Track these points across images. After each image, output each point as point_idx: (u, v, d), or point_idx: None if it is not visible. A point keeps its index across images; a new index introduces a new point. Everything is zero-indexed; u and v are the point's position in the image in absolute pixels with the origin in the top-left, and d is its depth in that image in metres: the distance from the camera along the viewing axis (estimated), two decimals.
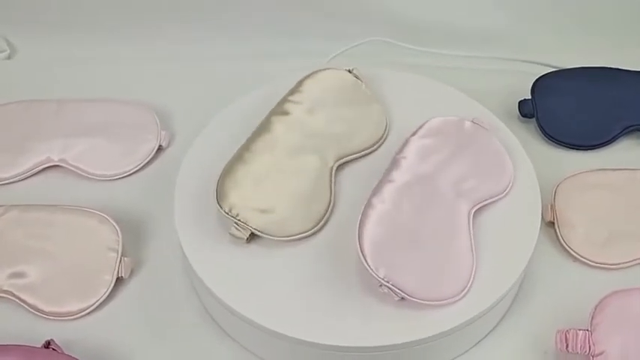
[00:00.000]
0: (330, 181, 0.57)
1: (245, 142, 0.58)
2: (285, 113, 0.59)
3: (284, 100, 0.61)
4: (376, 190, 0.54)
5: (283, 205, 0.55)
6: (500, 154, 0.58)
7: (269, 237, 0.54)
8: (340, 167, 0.59)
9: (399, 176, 0.55)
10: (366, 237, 0.51)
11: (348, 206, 0.57)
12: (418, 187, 0.55)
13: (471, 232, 0.54)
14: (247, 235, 0.53)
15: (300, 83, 0.62)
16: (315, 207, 0.55)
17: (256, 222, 0.53)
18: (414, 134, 0.58)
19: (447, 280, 0.51)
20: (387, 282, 0.50)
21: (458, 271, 0.52)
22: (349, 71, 0.63)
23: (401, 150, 0.57)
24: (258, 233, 0.54)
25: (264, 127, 0.59)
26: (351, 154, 0.59)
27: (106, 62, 0.76)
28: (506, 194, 0.57)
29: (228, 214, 0.54)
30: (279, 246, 0.54)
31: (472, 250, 0.53)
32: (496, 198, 0.56)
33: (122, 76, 0.74)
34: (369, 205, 0.53)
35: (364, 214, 0.53)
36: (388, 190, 0.54)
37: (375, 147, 0.60)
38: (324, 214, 0.55)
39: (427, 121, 0.59)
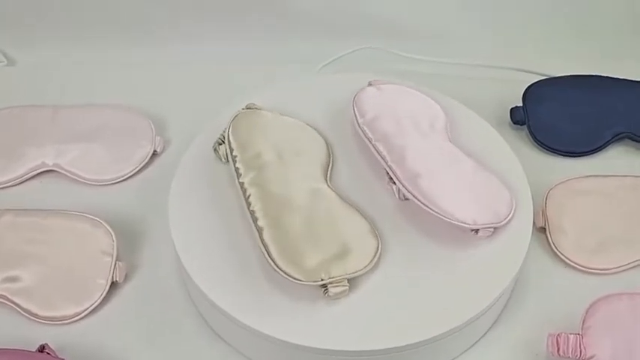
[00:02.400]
0: (344, 200, 0.56)
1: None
2: (256, 168, 0.56)
3: (237, 161, 0.57)
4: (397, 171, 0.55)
5: (344, 239, 0.52)
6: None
7: (363, 272, 0.52)
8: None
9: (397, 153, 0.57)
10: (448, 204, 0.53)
11: None
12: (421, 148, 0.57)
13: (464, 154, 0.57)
14: (347, 286, 0.51)
15: (235, 139, 0.58)
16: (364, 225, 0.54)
17: (346, 268, 0.51)
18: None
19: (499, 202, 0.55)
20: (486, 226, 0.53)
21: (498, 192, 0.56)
22: (249, 107, 0.61)
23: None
24: (354, 276, 0.51)
25: (252, 193, 0.55)
26: (327, 166, 0.59)
27: (102, 69, 0.76)
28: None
29: (323, 281, 0.50)
30: None
31: (483, 169, 0.57)
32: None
33: (117, 83, 0.74)
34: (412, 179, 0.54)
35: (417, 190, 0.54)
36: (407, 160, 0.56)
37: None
38: (373, 228, 0.54)
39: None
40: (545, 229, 0.61)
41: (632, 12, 0.78)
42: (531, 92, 0.70)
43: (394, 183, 0.56)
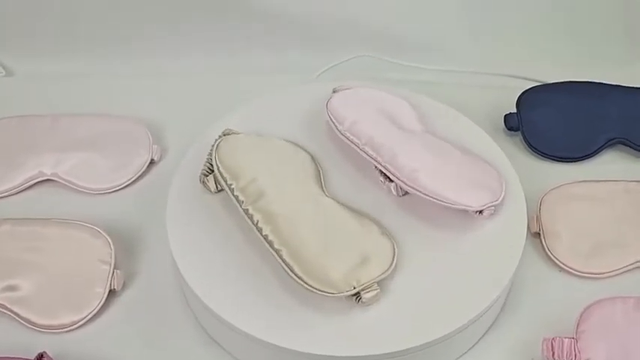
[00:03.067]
0: (347, 207, 0.56)
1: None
2: (255, 194, 0.55)
3: (235, 190, 0.56)
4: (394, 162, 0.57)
5: (361, 245, 0.53)
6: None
7: (388, 274, 0.52)
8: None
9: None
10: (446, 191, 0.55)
11: None
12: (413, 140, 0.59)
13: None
14: (378, 289, 0.51)
15: (225, 169, 0.57)
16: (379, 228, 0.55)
17: (372, 273, 0.51)
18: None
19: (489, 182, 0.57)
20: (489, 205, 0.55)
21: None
22: (226, 134, 0.60)
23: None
24: (380, 279, 0.52)
25: (260, 218, 0.54)
26: (319, 177, 0.59)
27: (99, 78, 0.76)
28: None
29: (355, 289, 0.51)
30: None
31: (468, 153, 0.59)
32: None
33: (115, 92, 0.75)
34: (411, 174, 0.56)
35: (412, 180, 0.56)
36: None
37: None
38: (383, 229, 0.55)
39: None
40: (539, 234, 0.62)
41: (625, 18, 0.78)
42: (525, 98, 0.71)
43: (391, 181, 0.57)
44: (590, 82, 0.72)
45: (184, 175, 0.60)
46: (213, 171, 0.58)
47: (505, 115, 0.71)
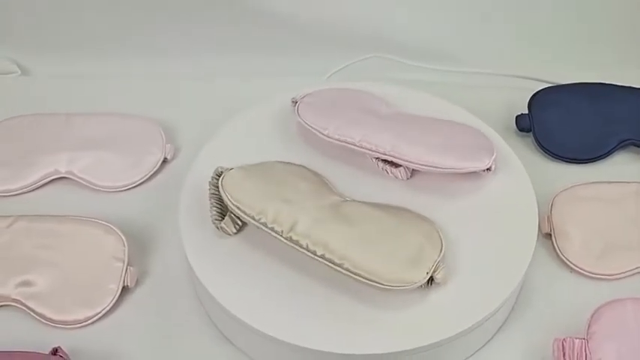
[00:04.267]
0: (371, 203, 0.57)
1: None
2: (290, 222, 0.54)
3: (269, 222, 0.54)
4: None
5: (409, 234, 0.54)
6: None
7: (443, 253, 0.53)
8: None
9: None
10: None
11: None
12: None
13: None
14: (445, 266, 0.53)
15: (247, 207, 0.54)
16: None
17: (433, 255, 0.53)
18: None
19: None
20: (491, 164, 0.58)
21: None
22: (219, 173, 0.57)
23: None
24: (441, 257, 0.53)
25: (308, 242, 0.53)
26: (327, 184, 0.59)
27: (113, 79, 0.77)
28: None
29: (429, 274, 0.52)
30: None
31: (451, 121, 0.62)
32: None
33: (128, 92, 0.76)
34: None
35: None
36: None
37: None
38: (415, 213, 0.57)
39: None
40: (550, 234, 0.62)
41: (637, 20, 0.78)
42: (537, 100, 0.71)
43: (397, 166, 0.59)
44: (602, 84, 0.72)
45: (197, 173, 0.61)
46: (223, 213, 0.56)
47: (517, 116, 0.71)
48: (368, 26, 0.79)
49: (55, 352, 0.52)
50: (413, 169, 0.60)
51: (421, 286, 0.52)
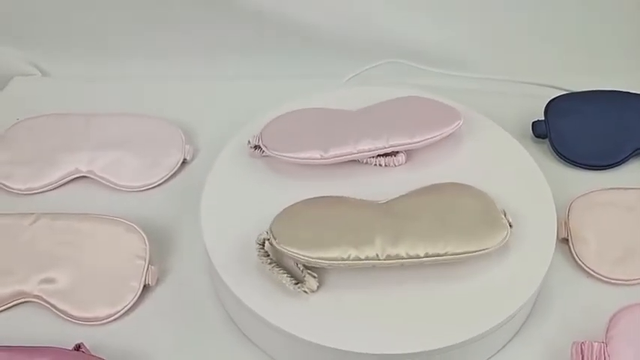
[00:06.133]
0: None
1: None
2: (372, 243, 0.53)
3: (359, 255, 0.53)
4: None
5: (459, 201, 0.57)
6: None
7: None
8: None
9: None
10: None
11: None
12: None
13: None
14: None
15: (324, 250, 0.53)
16: None
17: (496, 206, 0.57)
18: None
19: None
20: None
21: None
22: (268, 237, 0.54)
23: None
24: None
25: (397, 252, 0.53)
26: (349, 198, 0.59)
27: (133, 80, 0.78)
28: None
29: (504, 222, 0.56)
30: None
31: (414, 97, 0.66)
32: None
33: (148, 93, 0.76)
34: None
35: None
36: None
37: None
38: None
39: None
40: (567, 240, 0.62)
41: None
42: (553, 106, 0.72)
43: (395, 154, 0.62)
44: (618, 92, 0.72)
45: (219, 172, 0.61)
46: (295, 276, 0.53)
47: (533, 123, 0.72)
48: (384, 31, 0.79)
49: (77, 347, 0.53)
50: (407, 151, 0.62)
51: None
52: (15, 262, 0.58)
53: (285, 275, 0.53)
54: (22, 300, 0.57)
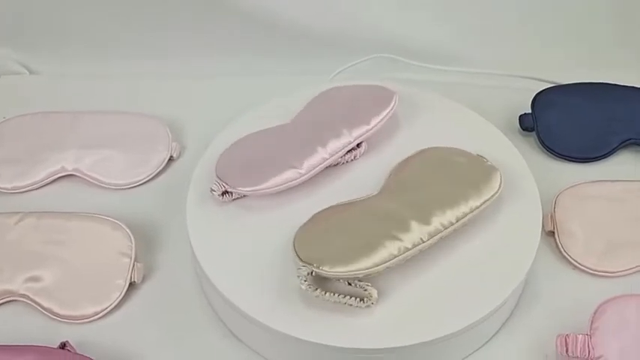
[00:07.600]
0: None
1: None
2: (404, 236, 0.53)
3: (402, 249, 0.53)
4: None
5: (455, 173, 0.59)
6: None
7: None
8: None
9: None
10: None
11: None
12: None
13: None
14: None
15: (352, 262, 0.52)
16: None
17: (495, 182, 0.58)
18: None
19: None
20: None
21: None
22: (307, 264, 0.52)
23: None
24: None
25: (428, 233, 0.54)
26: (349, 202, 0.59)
27: (120, 78, 0.78)
28: None
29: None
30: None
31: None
32: None
33: (135, 91, 0.76)
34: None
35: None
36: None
37: None
38: None
39: None
40: (553, 232, 0.62)
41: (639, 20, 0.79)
42: (540, 99, 0.72)
43: (360, 145, 0.62)
44: (605, 84, 0.72)
45: (204, 170, 0.61)
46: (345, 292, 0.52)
47: (520, 116, 0.72)
48: (372, 26, 0.79)
49: (63, 346, 0.53)
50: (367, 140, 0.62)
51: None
52: (1, 261, 0.58)
53: (348, 297, 0.51)
54: (8, 299, 0.57)
